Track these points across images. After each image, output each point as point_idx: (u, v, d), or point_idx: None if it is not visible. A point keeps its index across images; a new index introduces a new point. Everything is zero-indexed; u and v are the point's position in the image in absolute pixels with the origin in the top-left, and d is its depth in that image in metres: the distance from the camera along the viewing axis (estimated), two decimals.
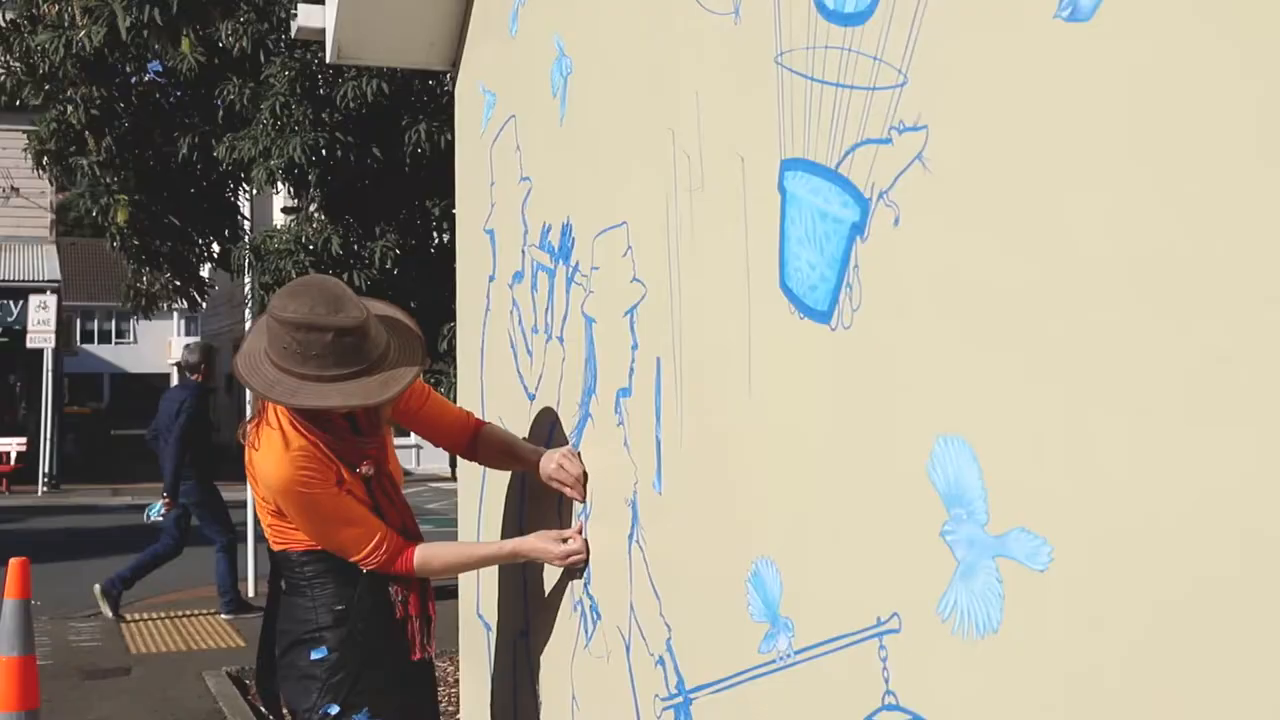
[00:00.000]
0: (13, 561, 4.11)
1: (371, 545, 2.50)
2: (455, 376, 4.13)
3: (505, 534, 3.05)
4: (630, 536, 2.36)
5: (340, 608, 2.53)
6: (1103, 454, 1.19)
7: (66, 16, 7.55)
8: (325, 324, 2.32)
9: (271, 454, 2.44)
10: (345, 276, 6.72)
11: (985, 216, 1.36)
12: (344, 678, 2.51)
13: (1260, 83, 1.01)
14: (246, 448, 2.53)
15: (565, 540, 2.59)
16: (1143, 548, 1.14)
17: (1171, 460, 1.10)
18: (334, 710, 2.50)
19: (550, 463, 2.63)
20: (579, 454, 2.63)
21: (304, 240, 7.12)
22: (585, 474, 2.59)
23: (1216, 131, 1.06)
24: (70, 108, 7.75)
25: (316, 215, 7.50)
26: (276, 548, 2.59)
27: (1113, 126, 1.18)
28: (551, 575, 2.76)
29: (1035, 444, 1.28)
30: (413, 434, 3.11)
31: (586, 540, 2.58)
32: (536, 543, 2.63)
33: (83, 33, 7.20)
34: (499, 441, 2.83)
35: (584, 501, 2.60)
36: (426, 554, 2.57)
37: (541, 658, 2.84)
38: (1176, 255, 1.10)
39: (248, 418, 2.63)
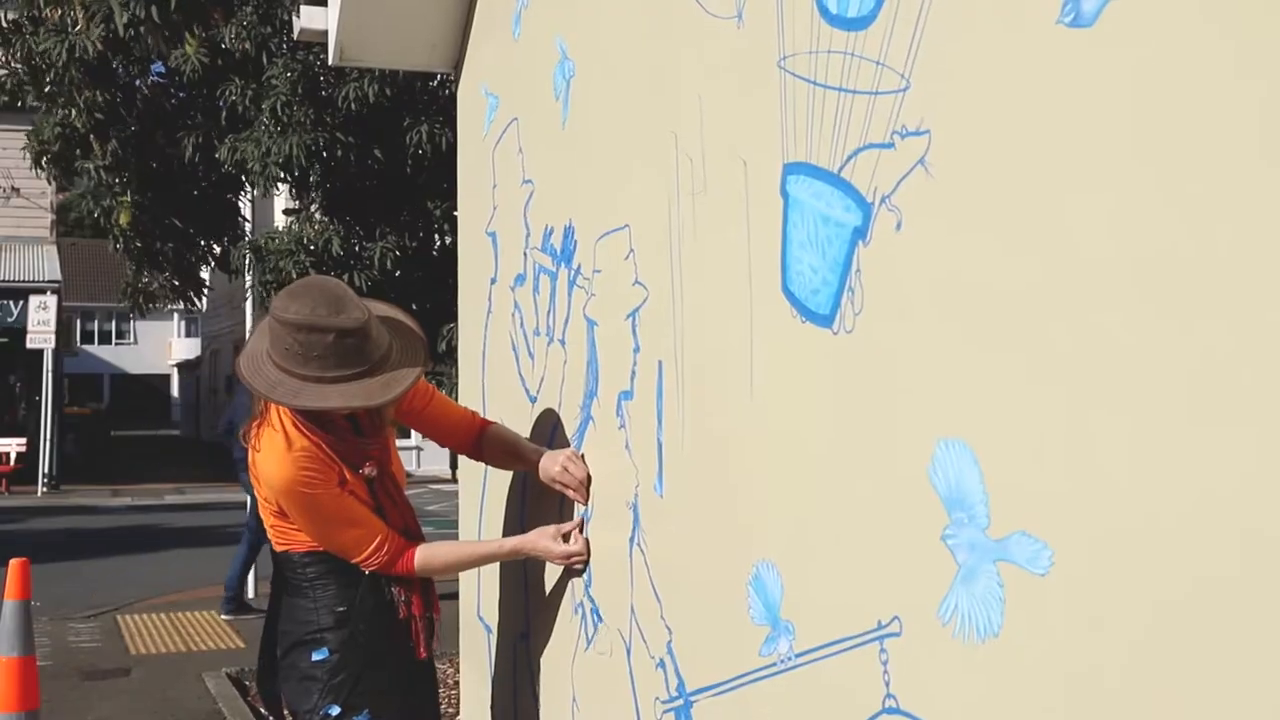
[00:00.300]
0: (13, 562, 4.11)
1: (373, 546, 2.50)
2: (455, 378, 4.14)
3: (506, 536, 3.05)
4: (631, 539, 2.36)
5: (342, 609, 2.54)
6: (1104, 456, 1.19)
7: (69, 19, 7.55)
8: (327, 325, 2.33)
9: (274, 455, 2.44)
10: (346, 277, 6.72)
11: (987, 220, 1.36)
12: (345, 679, 2.52)
13: (1262, 83, 1.02)
14: (249, 449, 2.54)
15: (566, 537, 2.60)
16: (1143, 549, 1.14)
17: (1172, 461, 1.11)
18: (335, 711, 2.51)
19: (554, 465, 2.63)
20: (583, 457, 2.63)
21: (305, 241, 7.13)
22: (589, 477, 2.60)
23: (1219, 133, 1.06)
24: (74, 111, 7.75)
25: (317, 216, 7.50)
26: (279, 549, 2.59)
27: (1115, 129, 1.18)
28: (552, 577, 2.76)
29: (1037, 447, 1.28)
30: (414, 435, 3.11)
31: (587, 541, 2.58)
32: (537, 540, 2.63)
33: (79, 27, 7.20)
34: (504, 441, 2.83)
35: (586, 505, 2.60)
36: (427, 554, 2.58)
37: (542, 660, 2.84)
38: (1179, 256, 1.10)
39: (249, 419, 2.63)
